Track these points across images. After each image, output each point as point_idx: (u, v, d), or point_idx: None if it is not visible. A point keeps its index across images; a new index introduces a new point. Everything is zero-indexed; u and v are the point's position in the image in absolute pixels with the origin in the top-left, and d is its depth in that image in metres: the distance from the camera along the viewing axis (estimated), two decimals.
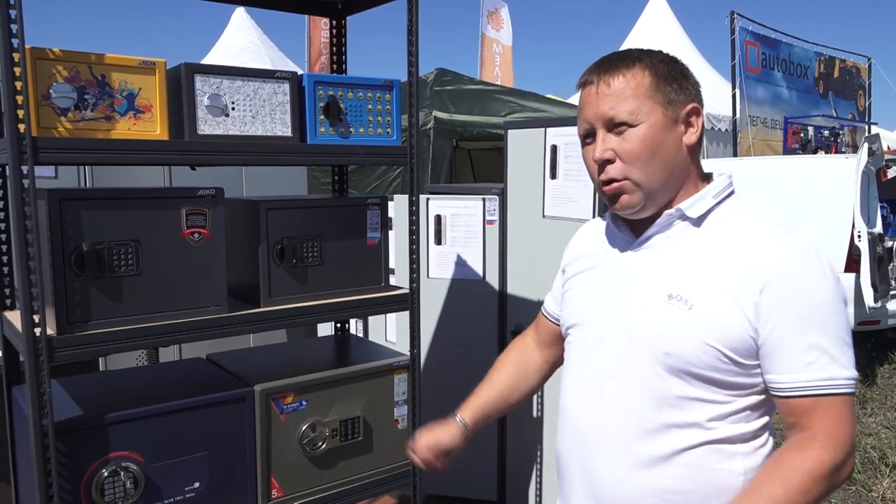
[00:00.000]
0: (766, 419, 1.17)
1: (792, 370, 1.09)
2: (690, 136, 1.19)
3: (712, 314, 1.11)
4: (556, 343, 1.46)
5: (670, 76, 1.18)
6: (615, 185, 1.19)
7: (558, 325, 1.42)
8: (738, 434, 1.14)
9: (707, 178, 1.24)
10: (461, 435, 1.46)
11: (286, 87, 1.80)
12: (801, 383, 1.09)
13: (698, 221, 1.19)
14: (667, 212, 1.20)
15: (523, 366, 1.55)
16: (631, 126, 1.16)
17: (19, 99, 1.41)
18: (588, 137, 1.23)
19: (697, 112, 1.19)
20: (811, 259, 1.10)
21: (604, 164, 1.19)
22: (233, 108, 1.72)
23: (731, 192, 1.22)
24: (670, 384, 1.14)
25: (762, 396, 1.15)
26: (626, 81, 1.17)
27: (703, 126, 1.21)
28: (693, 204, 1.19)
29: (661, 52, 1.22)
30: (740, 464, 1.14)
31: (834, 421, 1.08)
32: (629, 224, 1.27)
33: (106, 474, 1.56)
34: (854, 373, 1.10)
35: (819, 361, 1.08)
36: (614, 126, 1.18)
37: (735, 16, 8.94)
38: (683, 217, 1.19)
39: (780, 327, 1.08)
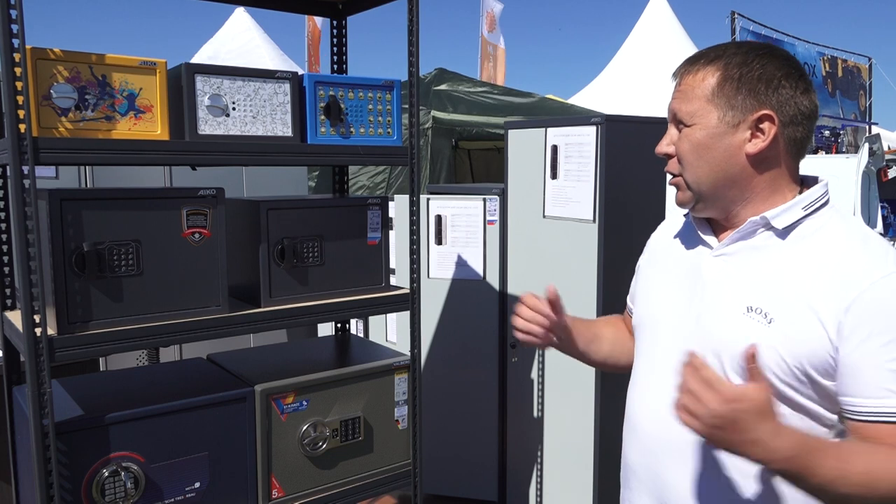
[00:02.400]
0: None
1: (873, 395, 1.03)
2: (755, 145, 1.12)
3: (792, 330, 1.06)
4: None
5: (741, 79, 1.12)
6: (673, 179, 1.20)
7: None
8: None
9: (805, 184, 1.18)
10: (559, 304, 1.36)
11: (287, 87, 1.80)
12: (881, 409, 1.03)
13: (784, 233, 1.13)
14: (751, 219, 1.14)
15: (618, 329, 1.51)
16: (687, 126, 1.16)
17: (20, 99, 1.41)
18: None
19: (770, 119, 1.11)
20: None
21: (666, 157, 1.21)
22: (233, 109, 1.72)
23: (825, 203, 1.15)
24: None
25: (835, 416, 1.10)
26: (695, 81, 1.15)
27: (777, 134, 1.12)
28: (780, 214, 1.13)
29: (751, 49, 1.14)
30: None
31: None
32: (712, 226, 1.23)
33: (106, 474, 1.56)
34: None
35: None
36: (677, 123, 1.18)
37: (735, 16, 8.94)
38: (768, 226, 1.14)
39: (865, 349, 1.03)
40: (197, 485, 1.70)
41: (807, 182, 1.19)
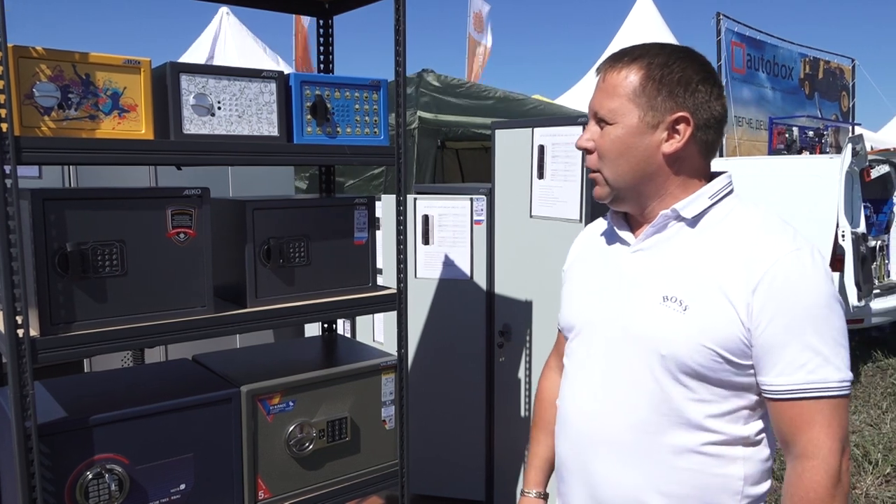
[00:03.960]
0: (763, 424, 1.17)
1: (783, 372, 1.08)
2: (671, 145, 1.16)
3: (706, 315, 1.11)
4: None
5: (662, 81, 1.15)
6: (591, 174, 1.24)
7: None
8: (737, 436, 1.14)
9: (711, 178, 1.23)
10: None
11: (273, 86, 1.79)
12: (791, 385, 1.08)
13: (693, 222, 1.18)
14: (662, 212, 1.19)
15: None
16: (609, 124, 1.18)
17: (1, 98, 1.39)
18: None
19: (686, 121, 1.16)
20: (805, 259, 1.09)
21: (585, 152, 1.24)
22: (219, 108, 1.71)
23: (730, 192, 1.21)
24: (667, 386, 1.14)
25: (758, 397, 1.14)
26: (617, 79, 1.18)
27: (691, 135, 1.16)
28: (688, 205, 1.18)
29: (672, 51, 1.18)
30: (740, 469, 1.14)
31: (821, 431, 1.07)
32: (630, 224, 1.27)
33: (90, 476, 1.55)
34: (848, 374, 1.09)
35: (811, 363, 1.07)
36: (599, 120, 1.20)
37: (721, 17, 9.00)
38: (679, 218, 1.19)
39: (773, 328, 1.07)
40: (182, 486, 1.69)
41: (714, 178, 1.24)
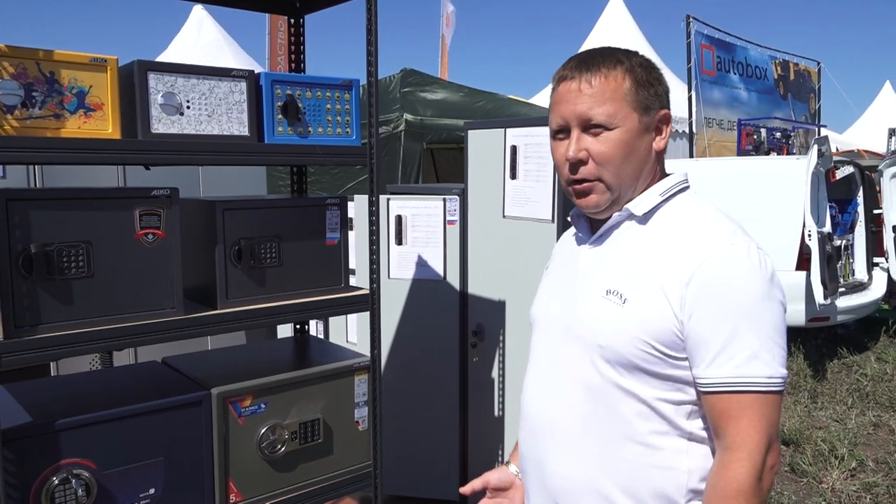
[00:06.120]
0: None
1: (712, 365, 1.08)
2: (660, 142, 1.21)
3: (642, 308, 1.12)
4: None
5: (647, 82, 1.18)
6: (586, 184, 1.20)
7: None
8: (681, 430, 1.14)
9: (665, 177, 1.26)
10: (510, 476, 1.46)
11: (243, 85, 1.77)
12: (719, 379, 1.08)
13: (644, 219, 1.20)
14: (616, 213, 1.22)
15: None
16: (608, 129, 1.17)
17: None
18: (561, 133, 1.23)
19: (667, 119, 1.21)
20: (740, 253, 1.10)
21: (577, 163, 1.19)
22: (188, 107, 1.69)
23: (683, 189, 1.23)
24: (607, 376, 1.16)
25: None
26: (606, 83, 1.17)
27: (669, 129, 1.23)
28: (639, 202, 1.20)
29: (638, 54, 1.23)
30: (684, 462, 1.14)
31: (749, 424, 1.07)
32: (589, 221, 1.30)
33: (56, 482, 1.52)
34: (780, 371, 1.08)
35: (738, 358, 1.07)
36: (591, 127, 1.18)
37: (691, 20, 9.11)
38: (631, 215, 1.21)
39: (703, 322, 1.08)
40: (152, 491, 1.66)
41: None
